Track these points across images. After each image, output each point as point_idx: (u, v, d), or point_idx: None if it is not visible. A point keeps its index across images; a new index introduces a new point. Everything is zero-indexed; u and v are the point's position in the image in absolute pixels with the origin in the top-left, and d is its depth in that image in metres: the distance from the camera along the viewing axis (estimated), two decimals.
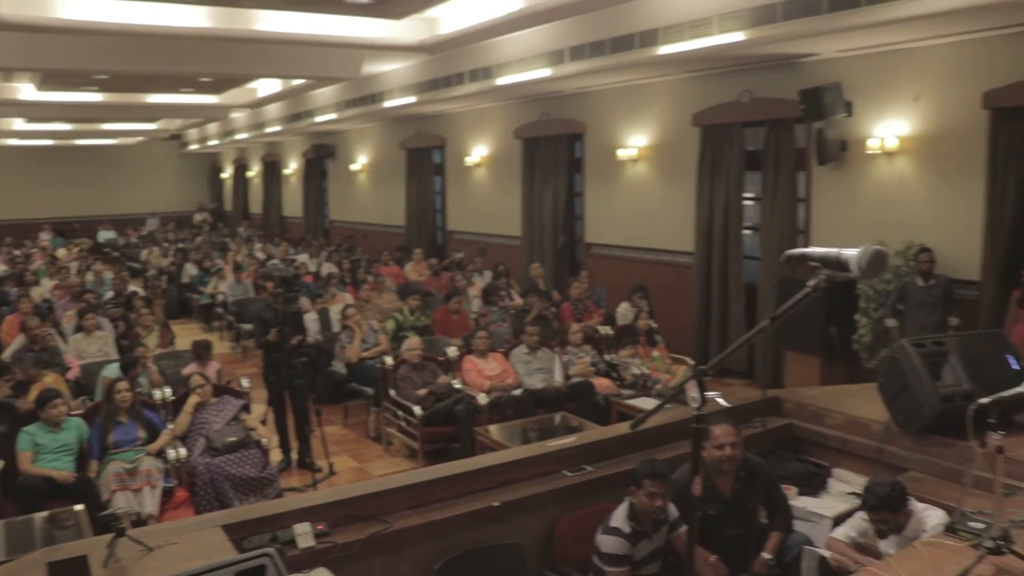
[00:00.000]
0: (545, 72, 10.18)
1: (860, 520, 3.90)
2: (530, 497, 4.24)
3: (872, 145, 8.17)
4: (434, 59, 11.73)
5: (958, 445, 4.10)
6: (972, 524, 3.35)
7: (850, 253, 2.41)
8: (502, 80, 10.96)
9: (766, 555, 4.14)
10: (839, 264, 2.44)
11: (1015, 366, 4.54)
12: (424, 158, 16.35)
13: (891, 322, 7.68)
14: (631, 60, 9.11)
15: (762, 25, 7.65)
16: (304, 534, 3.64)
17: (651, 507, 3.89)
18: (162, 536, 3.40)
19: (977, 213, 7.50)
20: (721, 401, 2.64)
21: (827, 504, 4.64)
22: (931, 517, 3.70)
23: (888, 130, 8.10)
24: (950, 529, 3.36)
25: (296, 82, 15.12)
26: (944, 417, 4.18)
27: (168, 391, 6.82)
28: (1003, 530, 3.12)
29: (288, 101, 17.40)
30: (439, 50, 10.81)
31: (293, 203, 23.06)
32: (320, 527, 3.70)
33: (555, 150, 12.49)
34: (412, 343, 7.96)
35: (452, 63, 11.69)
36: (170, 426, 6.39)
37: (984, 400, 3.08)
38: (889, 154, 8.13)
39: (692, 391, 2.37)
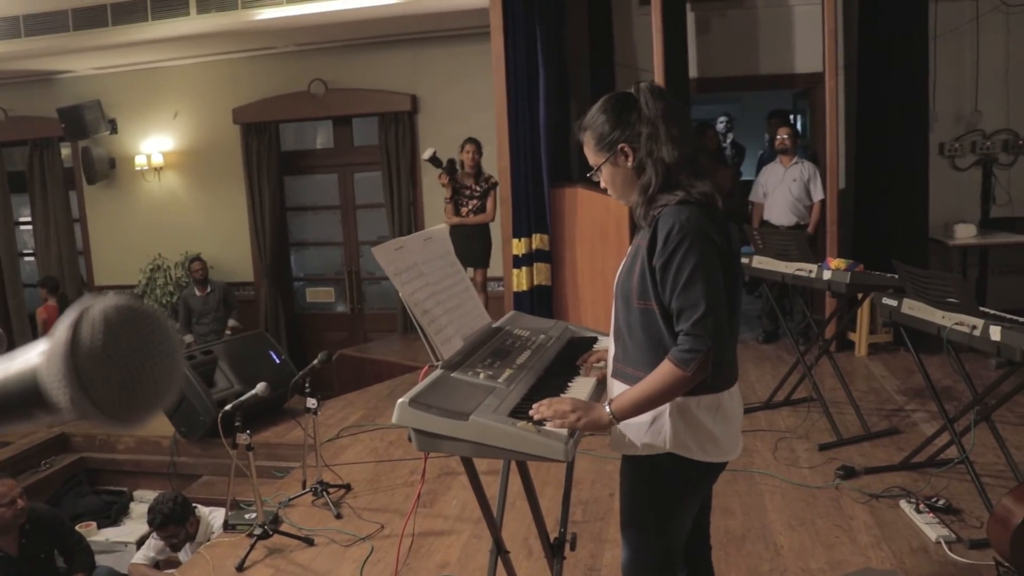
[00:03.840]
0: None
1: (154, 540, 4.03)
2: None
3: (140, 162, 8.30)
4: None
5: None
6: (248, 516, 3.70)
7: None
8: None
9: None
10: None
11: (278, 360, 5.12)
12: None
13: (188, 337, 7.52)
14: None
15: (5, 40, 7.20)
16: None
17: None
18: None
19: (243, 219, 8.14)
20: None
21: (129, 530, 4.70)
22: (217, 518, 3.98)
23: (154, 146, 8.30)
24: (228, 526, 3.66)
25: None
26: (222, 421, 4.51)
27: None
28: (269, 515, 3.54)
29: None
30: None
31: None
32: None
33: None
34: None
35: None
36: None
37: (227, 407, 3.42)
38: (157, 169, 8.35)
39: None
